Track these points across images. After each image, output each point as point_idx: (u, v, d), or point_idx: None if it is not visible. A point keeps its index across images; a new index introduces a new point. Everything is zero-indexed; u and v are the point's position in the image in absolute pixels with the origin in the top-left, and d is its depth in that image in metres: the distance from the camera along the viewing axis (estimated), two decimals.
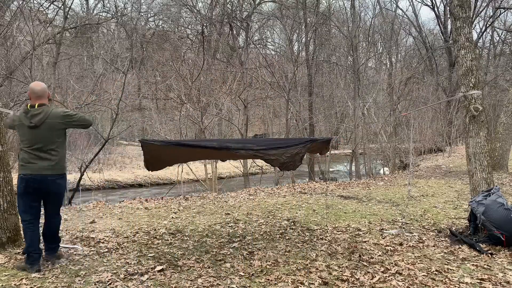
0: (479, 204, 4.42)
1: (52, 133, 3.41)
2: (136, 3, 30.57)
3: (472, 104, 4.92)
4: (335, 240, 4.60)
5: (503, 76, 24.51)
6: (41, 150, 3.38)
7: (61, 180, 3.50)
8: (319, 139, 4.65)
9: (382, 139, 15.23)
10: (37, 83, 3.59)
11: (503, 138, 11.08)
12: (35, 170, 3.37)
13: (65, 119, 3.47)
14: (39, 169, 3.36)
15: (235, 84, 14.63)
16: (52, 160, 3.41)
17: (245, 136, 14.17)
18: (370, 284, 3.24)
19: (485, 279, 3.35)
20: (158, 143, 4.08)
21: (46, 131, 3.37)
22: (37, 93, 3.49)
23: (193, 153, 4.60)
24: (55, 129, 3.42)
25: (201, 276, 3.40)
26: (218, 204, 7.08)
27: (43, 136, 3.37)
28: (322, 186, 9.75)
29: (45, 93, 3.53)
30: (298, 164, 4.49)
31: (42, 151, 3.39)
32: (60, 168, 3.47)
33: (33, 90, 3.49)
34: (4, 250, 3.91)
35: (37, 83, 3.59)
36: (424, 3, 37.29)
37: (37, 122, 3.36)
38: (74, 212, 6.47)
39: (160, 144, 4.08)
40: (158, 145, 4.05)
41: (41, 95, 3.49)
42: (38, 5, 14.13)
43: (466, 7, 5.04)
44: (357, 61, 16.20)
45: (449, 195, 7.74)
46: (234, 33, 21.46)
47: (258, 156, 4.31)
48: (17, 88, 11.92)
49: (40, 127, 3.35)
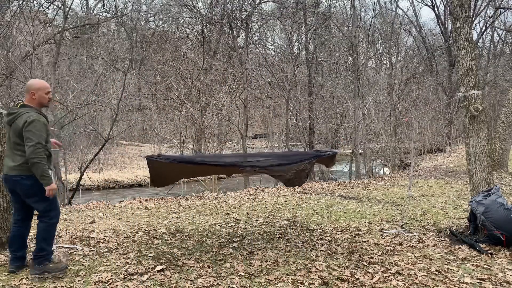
0: (479, 204, 4.42)
1: (16, 136, 3.24)
2: (136, 3, 30.57)
3: (472, 104, 4.92)
4: (335, 240, 4.60)
5: (503, 76, 24.52)
6: (9, 149, 3.31)
7: (26, 181, 3.25)
8: (324, 154, 4.55)
9: (382, 139, 15.23)
10: (30, 80, 3.47)
11: (503, 138, 11.08)
12: (4, 169, 3.35)
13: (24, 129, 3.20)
14: (7, 169, 3.30)
15: (235, 84, 14.62)
16: (16, 160, 3.25)
17: (245, 136, 14.17)
18: (370, 284, 3.24)
19: (485, 279, 3.35)
20: (164, 160, 4.03)
21: (13, 132, 3.25)
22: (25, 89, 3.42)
23: (198, 169, 4.56)
24: (18, 133, 3.23)
25: (201, 276, 3.40)
26: (218, 204, 7.08)
27: (11, 135, 3.28)
28: (322, 186, 9.75)
29: (28, 91, 3.35)
30: (304, 180, 4.48)
31: (10, 150, 3.31)
32: (25, 170, 3.23)
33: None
34: (4, 250, 3.91)
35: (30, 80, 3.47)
36: (424, 3, 37.29)
37: (8, 122, 3.30)
38: (74, 212, 6.47)
39: (165, 161, 4.03)
40: (163, 162, 4.02)
41: (25, 92, 3.40)
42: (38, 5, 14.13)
43: (466, 7, 5.04)
44: (357, 61, 16.20)
45: (449, 195, 7.74)
46: (234, 33, 21.46)
47: (264, 172, 4.37)
48: (17, 88, 11.91)
49: (11, 127, 3.27)
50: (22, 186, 3.27)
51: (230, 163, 4.31)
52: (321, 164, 5.78)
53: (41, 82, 3.42)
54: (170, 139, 13.89)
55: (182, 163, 4.17)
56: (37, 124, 3.19)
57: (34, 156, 3.13)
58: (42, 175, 3.16)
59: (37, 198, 3.29)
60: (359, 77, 15.64)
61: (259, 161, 4.47)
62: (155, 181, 4.31)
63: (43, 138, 3.22)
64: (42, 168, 3.16)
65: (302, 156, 4.47)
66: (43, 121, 3.26)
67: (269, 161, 4.40)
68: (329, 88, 22.70)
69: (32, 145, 3.14)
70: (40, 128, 3.20)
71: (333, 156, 4.66)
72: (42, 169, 3.16)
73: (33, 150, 3.13)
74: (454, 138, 22.38)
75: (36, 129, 3.17)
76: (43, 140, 3.22)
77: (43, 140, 3.22)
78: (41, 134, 3.20)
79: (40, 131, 3.19)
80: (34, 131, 3.16)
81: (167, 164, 4.06)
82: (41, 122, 3.23)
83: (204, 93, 12.97)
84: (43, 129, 3.23)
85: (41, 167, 3.15)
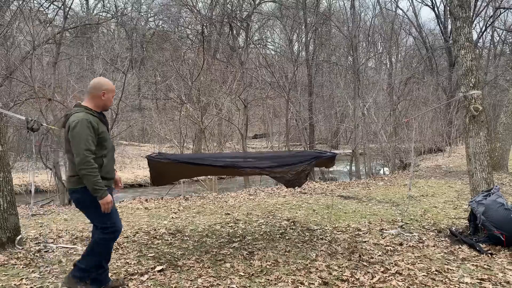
0: (479, 204, 4.42)
1: (67, 141, 2.84)
2: (136, 3, 30.59)
3: (472, 104, 4.92)
4: (335, 240, 4.60)
5: (503, 76, 24.50)
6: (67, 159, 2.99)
7: (75, 194, 2.88)
8: (324, 155, 4.56)
9: (382, 139, 15.22)
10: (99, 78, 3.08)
11: (503, 138, 11.08)
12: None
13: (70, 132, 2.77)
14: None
15: (235, 84, 14.63)
16: (69, 171, 2.91)
17: (245, 136, 14.16)
18: (370, 284, 3.24)
19: (485, 279, 3.35)
20: (164, 160, 4.04)
21: (65, 137, 2.87)
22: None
23: (198, 170, 4.56)
24: (66, 139, 2.85)
25: (201, 276, 3.40)
26: (218, 204, 7.08)
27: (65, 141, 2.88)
28: (322, 186, 9.75)
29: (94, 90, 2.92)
30: (304, 181, 4.48)
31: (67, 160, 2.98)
32: (73, 182, 2.84)
33: None
34: (4, 250, 3.91)
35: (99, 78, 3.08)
36: (424, 3, 37.35)
37: (62, 125, 2.93)
38: (74, 212, 6.47)
39: (166, 161, 4.04)
40: (164, 162, 4.02)
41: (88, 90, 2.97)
42: (38, 5, 14.12)
43: (466, 7, 5.04)
44: (357, 61, 16.17)
45: (449, 195, 7.74)
46: (234, 33, 21.46)
47: (264, 173, 4.38)
48: (17, 88, 11.91)
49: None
50: (73, 199, 2.96)
51: (230, 164, 4.31)
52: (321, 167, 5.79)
53: (111, 83, 3.02)
54: (170, 139, 13.88)
55: (182, 163, 4.17)
56: (81, 127, 2.72)
57: (82, 167, 2.69)
58: (94, 188, 2.71)
59: (90, 211, 2.92)
60: (359, 77, 15.62)
61: (259, 162, 4.49)
62: (155, 180, 4.33)
63: (90, 143, 2.73)
64: (93, 180, 2.70)
65: (302, 157, 4.47)
66: (88, 121, 2.75)
67: (269, 162, 4.41)
68: (329, 88, 22.69)
69: (78, 153, 2.69)
70: (84, 132, 2.72)
71: (332, 157, 4.66)
72: (92, 181, 2.70)
73: (80, 160, 2.69)
74: (454, 138, 22.38)
75: (80, 133, 2.71)
76: (91, 145, 2.74)
77: (91, 145, 2.74)
78: (87, 138, 2.71)
79: (85, 134, 2.72)
80: (79, 136, 2.70)
81: (167, 164, 4.06)
82: (85, 122, 2.73)
83: (204, 93, 12.96)
84: (89, 131, 2.74)
85: (91, 179, 2.70)
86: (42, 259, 3.82)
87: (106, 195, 2.77)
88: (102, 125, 2.90)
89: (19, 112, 10.25)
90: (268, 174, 4.29)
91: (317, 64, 21.92)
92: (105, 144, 2.88)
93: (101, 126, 2.87)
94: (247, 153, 8.62)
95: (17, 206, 4.29)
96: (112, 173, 3.02)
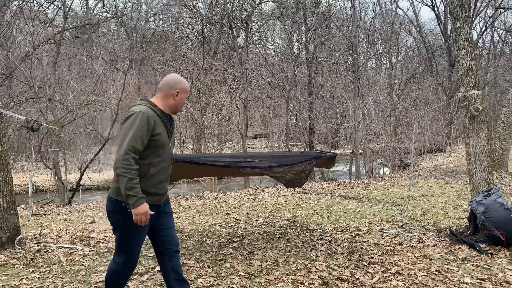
0: (479, 204, 4.42)
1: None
2: (136, 3, 30.58)
3: (472, 104, 4.92)
4: (335, 240, 4.60)
5: (503, 76, 24.50)
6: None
7: (109, 204, 2.41)
8: (324, 155, 4.54)
9: (382, 139, 15.23)
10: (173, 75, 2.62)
11: (503, 138, 11.08)
12: None
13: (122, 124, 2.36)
14: None
15: (235, 84, 14.63)
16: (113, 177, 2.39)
17: (245, 136, 14.17)
18: (370, 284, 3.24)
19: (485, 279, 3.35)
20: None
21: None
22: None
23: (198, 170, 4.55)
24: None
25: (201, 276, 3.39)
26: (218, 204, 7.08)
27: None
28: (322, 186, 9.75)
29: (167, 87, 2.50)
30: (304, 181, 4.47)
31: None
32: (112, 189, 2.38)
33: None
34: (4, 250, 3.91)
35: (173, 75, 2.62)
36: (424, 3, 37.34)
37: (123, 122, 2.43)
38: (74, 212, 6.47)
39: None
40: None
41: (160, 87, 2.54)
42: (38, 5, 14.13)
43: (466, 7, 5.04)
44: (357, 61, 16.18)
45: (449, 195, 7.74)
46: (234, 33, 21.45)
47: (264, 173, 4.37)
48: (17, 88, 11.92)
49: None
50: (106, 210, 2.44)
51: (230, 164, 4.31)
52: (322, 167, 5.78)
53: (186, 83, 2.59)
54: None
55: (181, 163, 4.17)
56: (134, 120, 2.26)
57: (119, 165, 2.20)
58: (127, 193, 2.19)
59: (116, 230, 2.42)
60: (359, 77, 15.63)
61: (259, 162, 4.48)
62: None
63: (138, 141, 2.24)
64: (128, 183, 2.19)
65: (302, 157, 4.47)
66: (146, 116, 2.28)
67: (269, 162, 4.41)
68: (329, 88, 22.70)
69: (119, 148, 2.23)
70: (136, 126, 2.24)
71: (333, 157, 4.66)
72: (127, 183, 2.19)
73: (118, 156, 2.21)
74: (454, 138, 22.38)
75: (131, 127, 2.25)
76: (138, 144, 2.24)
77: (138, 144, 2.24)
78: (137, 134, 2.24)
79: (137, 129, 2.24)
80: (128, 129, 2.25)
81: None
82: (142, 117, 2.27)
83: (204, 93, 12.96)
84: (142, 127, 2.26)
85: (125, 180, 2.18)
86: (42, 259, 3.82)
87: (140, 204, 2.22)
88: (162, 127, 2.39)
89: (19, 112, 10.26)
90: (268, 174, 4.30)
91: (317, 64, 21.93)
92: (159, 151, 2.38)
93: (160, 128, 2.37)
94: (247, 153, 8.64)
95: (17, 206, 4.29)
96: (161, 189, 2.45)
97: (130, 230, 2.35)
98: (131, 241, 2.40)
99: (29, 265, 3.62)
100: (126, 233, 2.37)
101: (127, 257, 2.46)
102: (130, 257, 2.47)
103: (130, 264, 2.49)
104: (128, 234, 2.38)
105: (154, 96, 2.52)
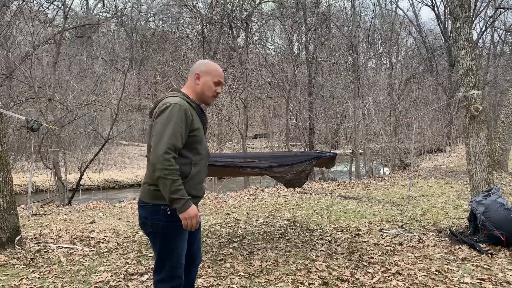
0: (479, 204, 4.42)
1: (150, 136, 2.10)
2: (136, 3, 30.59)
3: (472, 104, 4.92)
4: (335, 240, 4.60)
5: (503, 76, 24.52)
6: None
7: (140, 210, 2.13)
8: (324, 155, 4.54)
9: (382, 139, 15.23)
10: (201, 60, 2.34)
11: (503, 138, 11.08)
12: None
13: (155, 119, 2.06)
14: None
15: (235, 84, 14.62)
16: (145, 176, 2.14)
17: (245, 136, 14.17)
18: (370, 284, 3.24)
19: (485, 279, 3.35)
20: None
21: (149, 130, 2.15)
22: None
23: None
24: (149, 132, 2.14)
25: (201, 276, 3.39)
26: (218, 204, 7.08)
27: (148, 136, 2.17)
28: (322, 186, 9.75)
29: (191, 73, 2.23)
30: (304, 181, 4.46)
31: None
32: (145, 192, 2.10)
33: None
34: (4, 250, 3.91)
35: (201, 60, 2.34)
36: (424, 3, 37.41)
37: (150, 114, 2.22)
38: (74, 212, 6.47)
39: None
40: None
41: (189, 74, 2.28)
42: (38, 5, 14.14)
43: (466, 7, 5.04)
44: (357, 61, 16.19)
45: (449, 195, 7.74)
46: (234, 33, 21.45)
47: (264, 173, 4.37)
48: (17, 88, 11.92)
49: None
50: (139, 218, 2.15)
51: (230, 164, 4.31)
52: (322, 167, 5.77)
53: (213, 65, 2.24)
54: None
55: None
56: (171, 113, 1.98)
57: (158, 167, 1.92)
58: (172, 196, 1.92)
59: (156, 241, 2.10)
60: (359, 77, 15.63)
61: (259, 162, 4.48)
62: None
63: (178, 138, 1.98)
64: (172, 186, 1.92)
65: (303, 157, 4.47)
66: (183, 108, 2.01)
67: (269, 162, 4.41)
68: (329, 88, 22.72)
69: (155, 146, 1.95)
70: (174, 120, 1.97)
71: (333, 157, 4.66)
72: (171, 186, 1.92)
73: (158, 157, 1.93)
74: (454, 138, 22.38)
75: (168, 121, 1.97)
76: (178, 141, 1.99)
77: (178, 141, 1.99)
78: (176, 130, 1.97)
79: (175, 124, 1.97)
80: (165, 124, 1.97)
81: None
82: (179, 109, 2.00)
83: None
84: (181, 122, 1.99)
85: (168, 183, 1.91)
86: (42, 259, 3.82)
87: (188, 207, 1.96)
88: (199, 121, 2.13)
89: (19, 112, 10.25)
90: (268, 174, 4.30)
91: (317, 64, 21.94)
92: (198, 148, 2.12)
93: (197, 122, 2.11)
94: (247, 153, 8.63)
95: (17, 206, 4.29)
96: (200, 190, 2.20)
97: (172, 238, 2.07)
98: (175, 250, 2.09)
99: (29, 265, 3.62)
100: (168, 242, 2.08)
101: (170, 273, 2.11)
102: (172, 272, 2.11)
103: (176, 281, 2.13)
104: (170, 243, 2.08)
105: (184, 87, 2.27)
